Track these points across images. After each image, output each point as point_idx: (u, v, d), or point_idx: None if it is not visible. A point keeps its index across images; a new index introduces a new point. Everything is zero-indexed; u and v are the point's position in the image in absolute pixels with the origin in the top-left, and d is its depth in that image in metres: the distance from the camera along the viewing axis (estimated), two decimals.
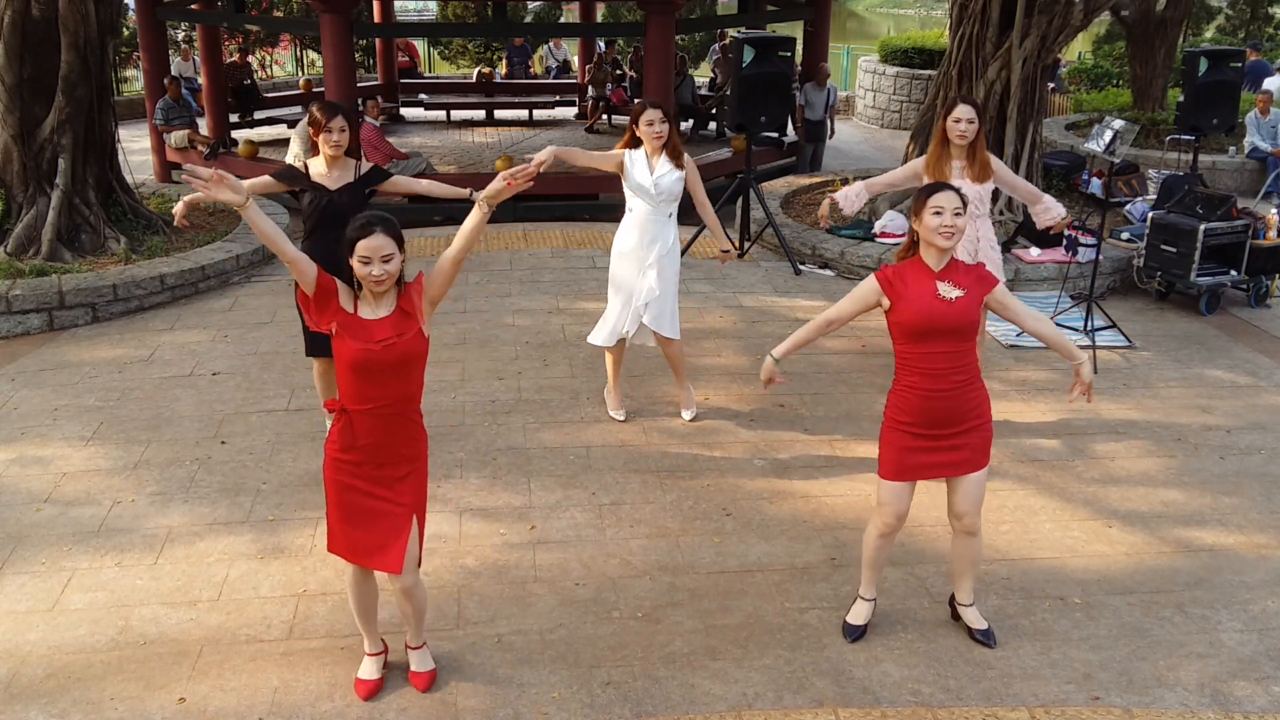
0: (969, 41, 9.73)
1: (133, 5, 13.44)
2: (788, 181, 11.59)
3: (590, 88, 16.14)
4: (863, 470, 5.55)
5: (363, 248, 3.43)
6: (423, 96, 16.92)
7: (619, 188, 5.98)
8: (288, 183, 5.38)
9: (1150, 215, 8.48)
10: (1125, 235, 9.25)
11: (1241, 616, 4.44)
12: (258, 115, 15.31)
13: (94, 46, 8.61)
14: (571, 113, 17.10)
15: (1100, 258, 7.69)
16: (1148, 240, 8.37)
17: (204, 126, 13.33)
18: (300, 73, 20.98)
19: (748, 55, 9.30)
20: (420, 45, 22.25)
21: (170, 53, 15.18)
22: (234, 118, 14.47)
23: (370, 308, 3.56)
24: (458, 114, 16.56)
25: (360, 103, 11.91)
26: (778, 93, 9.47)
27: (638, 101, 5.87)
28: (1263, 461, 5.83)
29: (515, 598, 4.50)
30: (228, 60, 15.09)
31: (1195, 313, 8.17)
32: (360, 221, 3.47)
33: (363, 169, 5.44)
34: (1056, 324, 7.59)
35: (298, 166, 5.49)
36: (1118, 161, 7.05)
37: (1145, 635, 4.30)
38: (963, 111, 5.74)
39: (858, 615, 4.28)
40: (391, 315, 3.56)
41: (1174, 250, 8.13)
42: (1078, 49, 21.26)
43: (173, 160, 12.88)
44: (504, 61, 19.68)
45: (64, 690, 3.92)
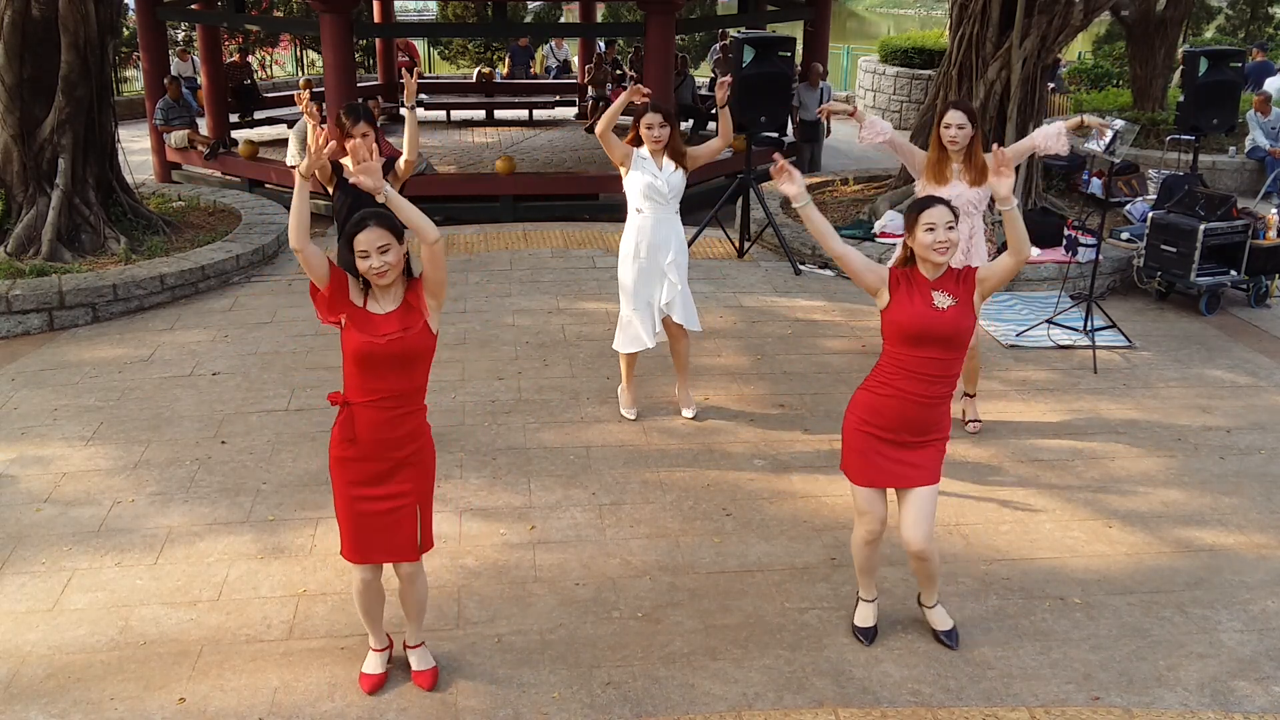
0: (969, 41, 9.73)
1: (133, 5, 13.43)
2: None
3: (590, 88, 16.15)
4: None
5: (359, 242, 3.47)
6: (422, 96, 16.88)
7: (619, 188, 5.98)
8: (337, 176, 5.37)
9: (1150, 215, 8.48)
10: (1125, 235, 9.25)
11: (1241, 616, 4.44)
12: (258, 115, 15.32)
13: (94, 46, 8.61)
14: (571, 113, 17.11)
15: (1100, 258, 7.69)
16: (1148, 240, 8.37)
17: (204, 126, 13.33)
18: (300, 73, 20.97)
19: (748, 55, 9.29)
20: (420, 45, 22.26)
21: (169, 53, 15.18)
22: (234, 118, 14.47)
23: (378, 303, 3.60)
24: (458, 114, 16.57)
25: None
26: (777, 93, 9.47)
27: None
28: (1263, 461, 5.83)
29: (515, 598, 4.50)
30: (228, 60, 15.10)
31: (1195, 313, 8.17)
32: (355, 218, 3.53)
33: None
34: (1056, 324, 7.63)
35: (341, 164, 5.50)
36: (1118, 161, 7.05)
37: (1145, 635, 4.30)
38: (953, 117, 5.53)
39: (865, 618, 4.28)
40: (398, 310, 3.59)
41: (1174, 250, 8.13)
42: (1078, 49, 21.25)
43: (172, 160, 12.88)
44: (507, 61, 19.69)
45: (64, 690, 3.92)
